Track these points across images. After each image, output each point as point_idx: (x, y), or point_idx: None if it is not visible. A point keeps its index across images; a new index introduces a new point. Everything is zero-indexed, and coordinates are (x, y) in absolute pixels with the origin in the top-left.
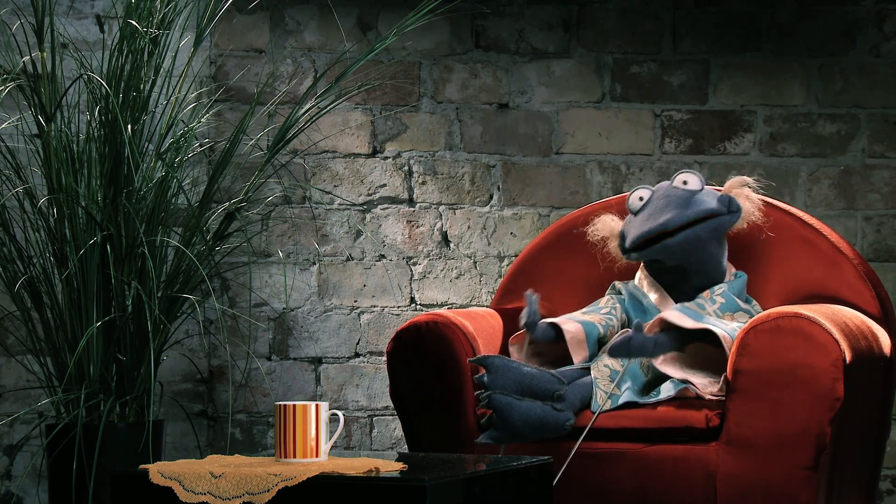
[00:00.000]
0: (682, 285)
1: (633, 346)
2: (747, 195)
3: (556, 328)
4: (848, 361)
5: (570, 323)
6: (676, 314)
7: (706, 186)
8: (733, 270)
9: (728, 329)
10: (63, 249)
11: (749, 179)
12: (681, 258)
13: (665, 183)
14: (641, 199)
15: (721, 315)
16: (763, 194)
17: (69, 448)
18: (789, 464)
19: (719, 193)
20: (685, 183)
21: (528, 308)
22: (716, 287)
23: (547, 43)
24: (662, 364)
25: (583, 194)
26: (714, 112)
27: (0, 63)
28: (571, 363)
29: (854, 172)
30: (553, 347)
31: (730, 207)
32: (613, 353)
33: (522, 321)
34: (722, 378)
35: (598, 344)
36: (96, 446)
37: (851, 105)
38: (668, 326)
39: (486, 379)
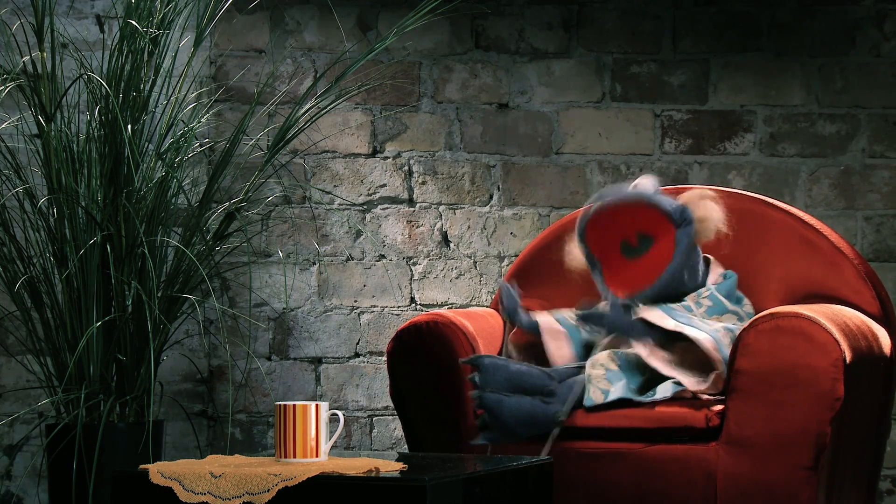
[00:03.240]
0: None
1: (607, 320)
2: (706, 206)
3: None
4: (848, 361)
5: (553, 328)
6: (658, 314)
7: (660, 194)
8: (721, 271)
9: (710, 330)
10: (63, 249)
11: (709, 191)
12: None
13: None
14: (599, 196)
15: (707, 318)
16: (764, 194)
17: (69, 448)
18: (789, 464)
19: (674, 202)
20: (635, 186)
21: (505, 297)
22: (702, 290)
23: (547, 43)
24: (650, 358)
25: (583, 194)
26: (714, 112)
27: (0, 63)
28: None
29: (854, 172)
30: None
31: (682, 215)
32: (585, 320)
33: (502, 313)
34: (710, 377)
35: (585, 347)
36: (96, 446)
37: (851, 105)
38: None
39: (477, 378)
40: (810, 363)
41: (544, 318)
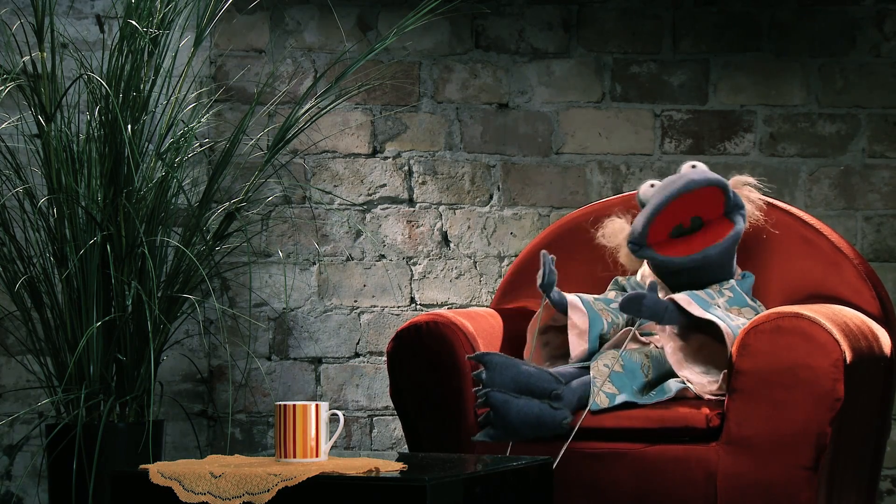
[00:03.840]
0: (689, 287)
1: (645, 304)
2: (748, 194)
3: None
4: (848, 361)
5: (579, 309)
6: (685, 298)
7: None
8: (740, 271)
9: (733, 325)
10: (63, 249)
11: (751, 179)
12: (702, 271)
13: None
14: (652, 185)
15: (728, 308)
16: (764, 194)
17: (69, 448)
18: (789, 464)
19: None
20: (694, 166)
21: (544, 268)
22: (724, 282)
23: (547, 43)
24: (667, 343)
25: (583, 194)
26: (714, 112)
27: (0, 63)
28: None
29: (854, 172)
30: (561, 339)
31: (735, 200)
32: (624, 308)
33: (539, 281)
34: (721, 376)
35: (599, 340)
36: (96, 446)
37: (851, 105)
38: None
39: (484, 376)
40: (811, 363)
41: (574, 302)
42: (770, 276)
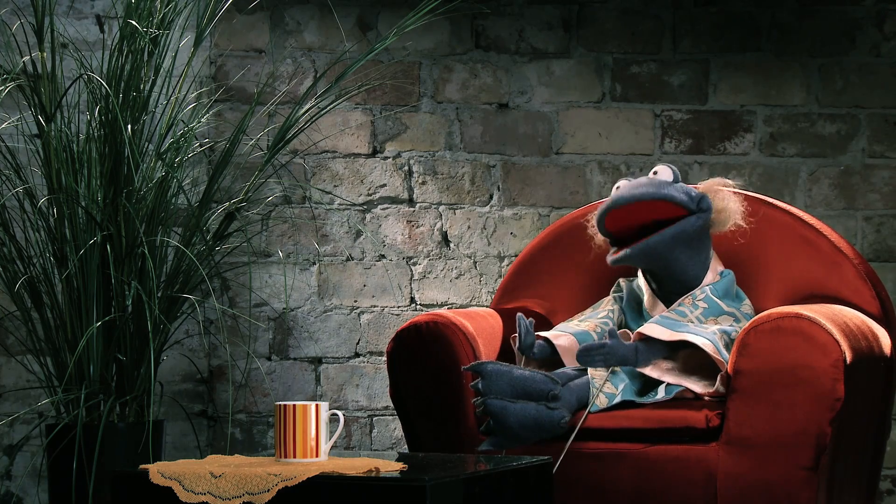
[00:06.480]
0: (661, 287)
1: (606, 352)
2: (726, 197)
3: (550, 344)
4: (848, 362)
5: (564, 336)
6: (655, 328)
7: (682, 184)
8: (720, 269)
9: (707, 334)
10: (63, 249)
11: (729, 181)
12: (645, 264)
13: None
14: (617, 188)
15: (703, 321)
16: (764, 193)
17: (69, 448)
18: (789, 464)
19: (693, 190)
20: (655, 173)
21: (521, 331)
22: (697, 292)
23: (547, 43)
24: (653, 371)
25: (583, 194)
26: (714, 112)
27: (0, 63)
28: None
29: (854, 172)
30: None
31: (699, 205)
32: (581, 360)
33: (516, 347)
34: (717, 381)
35: None
36: (96, 446)
37: (851, 105)
38: (647, 338)
39: (480, 385)
40: (811, 363)
41: (556, 337)
42: (770, 276)
